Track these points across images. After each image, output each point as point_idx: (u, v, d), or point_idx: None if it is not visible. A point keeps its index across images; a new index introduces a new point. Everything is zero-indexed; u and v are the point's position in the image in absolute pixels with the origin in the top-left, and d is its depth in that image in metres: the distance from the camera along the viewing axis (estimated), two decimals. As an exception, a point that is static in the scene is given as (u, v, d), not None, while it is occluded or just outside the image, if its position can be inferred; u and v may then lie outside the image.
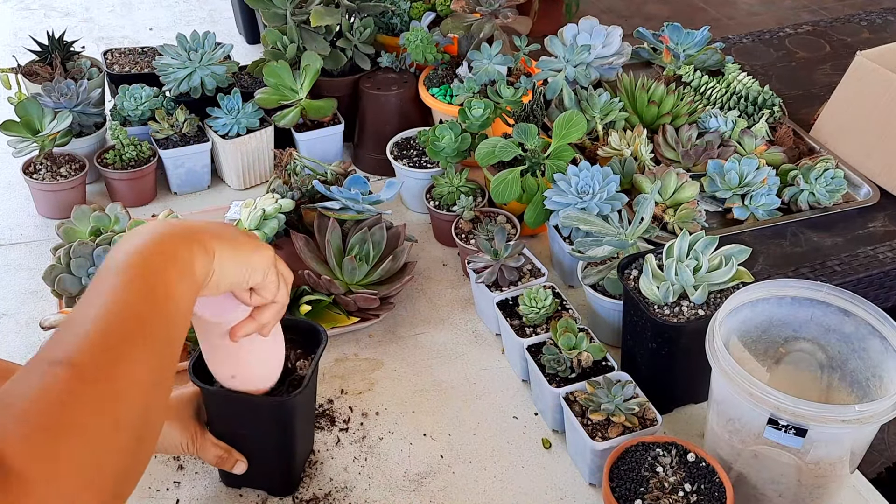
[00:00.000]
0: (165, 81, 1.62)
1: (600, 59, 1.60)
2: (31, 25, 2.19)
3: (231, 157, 1.61)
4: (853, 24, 2.23)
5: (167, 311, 0.66)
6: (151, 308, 0.64)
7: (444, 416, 1.21)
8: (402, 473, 1.13)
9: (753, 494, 1.03)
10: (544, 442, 1.17)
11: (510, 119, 1.52)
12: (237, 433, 1.05)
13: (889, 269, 1.46)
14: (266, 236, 1.33)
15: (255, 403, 1.00)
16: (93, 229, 1.34)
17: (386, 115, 1.67)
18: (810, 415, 0.91)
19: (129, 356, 0.61)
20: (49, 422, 0.55)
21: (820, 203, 1.52)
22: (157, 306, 0.65)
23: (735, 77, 1.73)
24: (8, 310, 1.38)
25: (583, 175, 1.32)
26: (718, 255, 1.16)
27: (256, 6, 1.65)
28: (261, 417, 1.03)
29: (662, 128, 1.57)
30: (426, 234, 1.55)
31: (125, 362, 0.60)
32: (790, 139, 1.66)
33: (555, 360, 1.14)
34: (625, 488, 0.99)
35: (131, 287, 0.64)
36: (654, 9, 4.37)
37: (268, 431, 1.04)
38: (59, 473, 0.54)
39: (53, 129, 1.51)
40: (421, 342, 1.33)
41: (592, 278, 1.27)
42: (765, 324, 1.08)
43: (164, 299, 0.66)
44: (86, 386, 0.58)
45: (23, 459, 0.53)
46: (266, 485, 1.10)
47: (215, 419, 1.05)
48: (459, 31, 1.63)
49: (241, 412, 1.02)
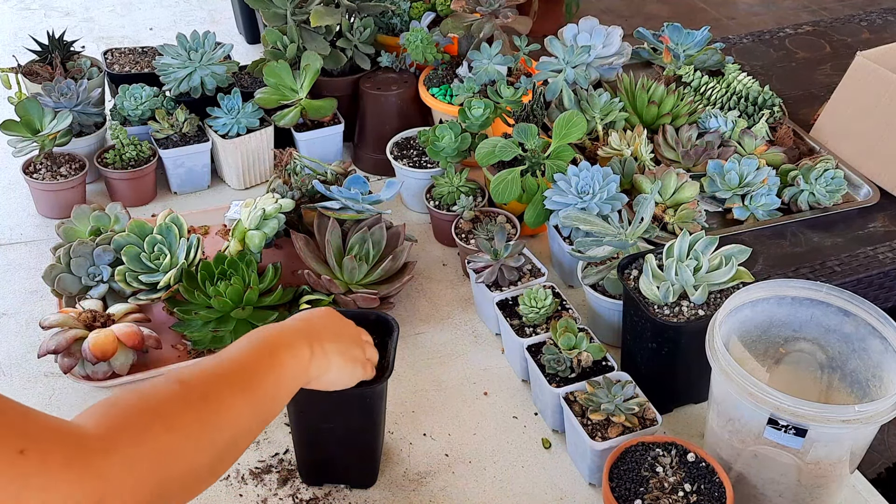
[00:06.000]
0: (165, 81, 1.62)
1: (600, 59, 1.61)
2: (31, 25, 2.19)
3: (231, 156, 1.61)
4: (853, 24, 2.23)
5: (274, 381, 0.81)
6: (263, 374, 0.80)
7: (444, 416, 1.21)
8: (401, 473, 1.13)
9: (753, 494, 1.03)
10: (544, 442, 1.17)
11: (510, 119, 1.52)
12: (321, 428, 1.05)
13: (889, 269, 1.46)
14: (266, 236, 1.33)
15: (343, 394, 1.00)
16: (93, 229, 1.34)
17: (386, 115, 1.67)
18: (810, 415, 0.91)
19: (232, 399, 0.74)
20: (150, 410, 0.67)
21: (820, 203, 1.52)
22: (268, 375, 0.80)
23: (735, 77, 1.73)
24: (8, 310, 1.38)
25: (583, 175, 1.32)
26: (718, 255, 1.16)
27: (256, 6, 1.65)
28: (348, 408, 1.03)
29: (662, 128, 1.57)
30: (426, 234, 1.55)
31: (228, 401, 0.74)
32: (790, 139, 1.66)
33: (555, 360, 1.14)
34: (625, 488, 0.99)
35: (256, 359, 0.81)
36: (654, 9, 4.37)
37: (354, 422, 1.05)
38: (134, 464, 0.62)
39: (53, 128, 1.51)
40: (421, 342, 1.33)
41: (592, 278, 1.27)
42: (765, 324, 1.08)
43: (275, 373, 0.82)
44: (188, 402, 0.70)
45: (109, 441, 0.62)
46: (348, 478, 1.10)
47: (299, 417, 1.06)
48: (459, 31, 1.63)
49: (326, 406, 1.02)
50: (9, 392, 1.20)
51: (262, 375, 0.80)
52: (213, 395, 0.73)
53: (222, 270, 1.27)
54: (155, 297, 1.27)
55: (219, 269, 1.27)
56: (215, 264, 1.28)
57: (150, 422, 0.66)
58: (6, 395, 0.61)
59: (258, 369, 0.80)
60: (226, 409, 0.73)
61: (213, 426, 0.72)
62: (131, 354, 1.22)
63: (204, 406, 0.72)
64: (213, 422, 0.72)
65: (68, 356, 1.18)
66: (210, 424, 0.71)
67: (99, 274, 1.29)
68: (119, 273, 1.27)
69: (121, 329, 1.20)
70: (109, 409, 0.66)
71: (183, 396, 0.71)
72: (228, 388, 0.75)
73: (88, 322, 1.22)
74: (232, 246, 1.33)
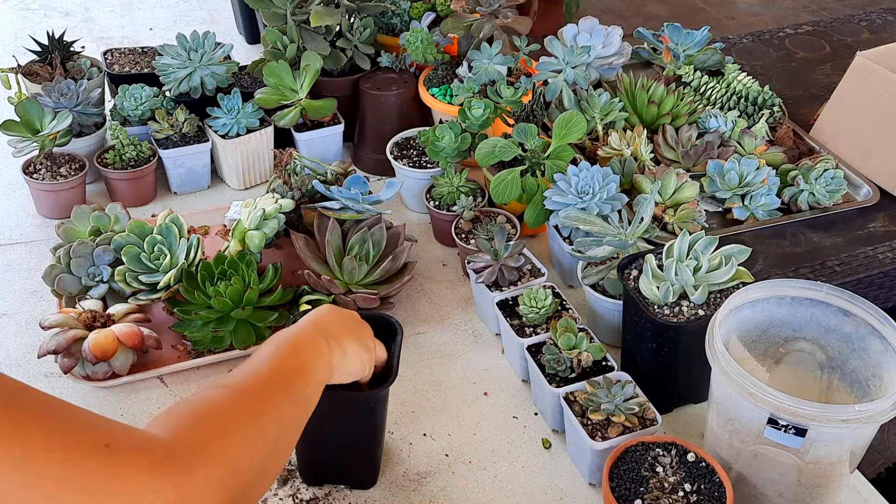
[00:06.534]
0: (165, 81, 1.62)
1: (600, 59, 1.60)
2: (31, 25, 2.19)
3: (231, 157, 1.61)
4: (853, 24, 2.23)
5: (306, 380, 0.85)
6: (297, 374, 0.85)
7: (444, 416, 1.21)
8: (401, 473, 1.13)
9: (753, 494, 1.03)
10: (544, 442, 1.17)
11: (510, 119, 1.52)
12: (322, 430, 1.04)
13: (889, 269, 1.46)
14: (266, 236, 1.33)
15: (347, 397, 1.01)
16: (93, 229, 1.34)
17: (386, 115, 1.67)
18: (810, 415, 0.91)
19: (274, 396, 0.79)
20: (217, 420, 0.71)
21: (820, 203, 1.52)
22: (301, 374, 0.85)
23: (735, 77, 1.73)
24: (8, 310, 1.38)
25: (583, 175, 1.32)
26: (718, 255, 1.16)
27: (256, 6, 1.65)
28: (351, 411, 1.04)
29: (662, 128, 1.57)
30: (426, 234, 1.55)
31: (270, 398, 0.78)
32: (790, 139, 1.66)
33: (555, 360, 1.14)
34: (625, 488, 0.99)
35: (283, 361, 0.85)
36: (654, 9, 4.37)
37: (356, 425, 1.05)
38: (208, 462, 0.67)
39: (53, 128, 1.51)
40: (421, 342, 1.33)
41: (592, 278, 1.27)
42: (765, 324, 1.08)
43: (304, 373, 0.86)
44: (240, 402, 0.75)
45: (183, 449, 0.66)
46: (349, 479, 1.11)
47: None
48: (459, 31, 1.63)
49: (330, 409, 1.01)
50: (9, 392, 1.21)
51: (293, 376, 0.83)
52: (257, 395, 0.77)
53: (222, 270, 1.27)
54: (155, 297, 1.27)
55: (219, 269, 1.27)
56: (215, 264, 1.28)
57: (223, 433, 0.70)
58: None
59: (288, 371, 0.84)
60: (272, 408, 0.77)
61: (266, 423, 0.75)
62: (131, 354, 1.22)
63: (254, 404, 0.76)
64: (264, 419, 0.75)
65: (68, 356, 1.18)
66: (263, 422, 0.75)
67: (99, 274, 1.29)
68: (119, 273, 1.27)
69: (121, 329, 1.21)
70: (179, 419, 0.70)
71: (232, 399, 0.75)
72: (270, 390, 0.79)
73: (88, 322, 1.22)
74: (232, 246, 1.33)
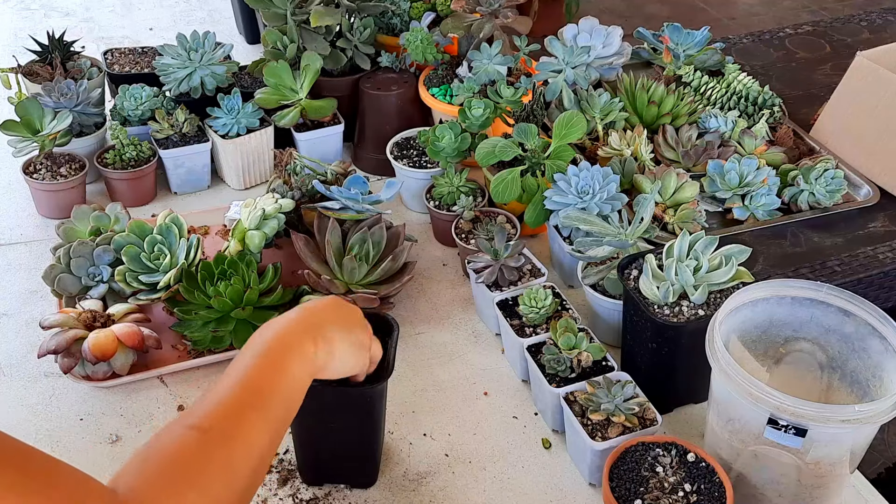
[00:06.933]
0: (165, 81, 1.62)
1: (600, 59, 1.60)
2: (31, 25, 2.19)
3: (231, 157, 1.61)
4: (853, 24, 2.23)
5: (286, 389, 0.83)
6: (274, 387, 0.81)
7: (444, 416, 1.21)
8: (401, 473, 1.13)
9: (753, 494, 1.03)
10: (544, 442, 1.17)
11: (510, 119, 1.52)
12: (321, 429, 1.05)
13: (889, 269, 1.46)
14: (266, 236, 1.33)
15: (345, 393, 1.00)
16: (93, 229, 1.34)
17: (386, 115, 1.67)
18: (810, 415, 0.91)
19: (251, 426, 0.76)
20: (179, 476, 0.69)
21: (820, 203, 1.52)
22: (279, 385, 0.82)
23: (735, 77, 1.73)
24: (8, 310, 1.38)
25: (583, 175, 1.32)
26: (718, 255, 1.16)
27: (256, 6, 1.65)
28: (349, 408, 1.03)
29: (662, 128, 1.57)
30: (426, 234, 1.55)
31: (246, 429, 0.76)
32: (790, 139, 1.66)
33: (555, 360, 1.14)
34: (625, 488, 0.99)
35: (263, 373, 0.82)
36: (654, 9, 4.37)
37: (354, 422, 1.05)
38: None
39: (53, 128, 1.51)
40: (421, 342, 1.33)
41: (592, 278, 1.27)
42: (765, 324, 1.08)
43: (285, 381, 0.83)
44: (212, 449, 0.73)
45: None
46: (349, 478, 1.11)
47: (299, 417, 1.05)
48: (459, 31, 1.63)
49: (327, 406, 1.02)
50: (9, 392, 1.21)
51: (272, 388, 0.81)
52: (231, 431, 0.75)
53: (222, 270, 1.27)
54: (155, 297, 1.27)
55: (219, 269, 1.27)
56: (215, 264, 1.28)
57: (184, 490, 0.69)
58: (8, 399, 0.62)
59: (268, 384, 0.81)
60: (247, 438, 0.75)
61: (241, 460, 0.74)
62: (131, 354, 1.22)
63: (227, 446, 0.74)
64: (238, 457, 0.74)
65: (68, 356, 1.18)
66: (237, 461, 0.74)
67: (99, 274, 1.29)
68: (119, 273, 1.27)
69: (121, 329, 1.21)
70: (137, 477, 0.68)
71: (205, 447, 0.73)
72: (245, 416, 0.77)
73: (88, 322, 1.22)
74: (232, 246, 1.33)
